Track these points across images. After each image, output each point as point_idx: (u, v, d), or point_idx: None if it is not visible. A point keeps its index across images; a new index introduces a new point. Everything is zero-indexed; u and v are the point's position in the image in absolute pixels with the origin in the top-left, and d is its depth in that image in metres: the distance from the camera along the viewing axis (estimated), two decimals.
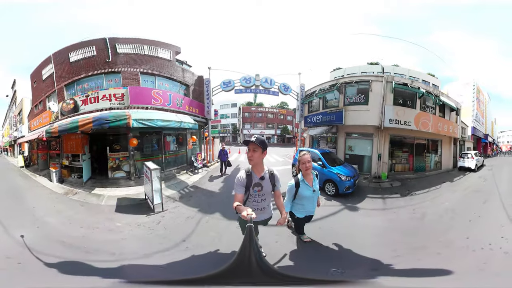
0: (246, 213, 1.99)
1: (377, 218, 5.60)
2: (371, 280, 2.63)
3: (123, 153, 9.14)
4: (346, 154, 11.43)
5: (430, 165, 12.81)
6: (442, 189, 8.78)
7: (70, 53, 10.24)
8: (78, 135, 9.09)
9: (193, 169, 10.59)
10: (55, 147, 11.38)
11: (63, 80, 10.61)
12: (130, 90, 9.35)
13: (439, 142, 13.48)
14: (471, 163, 13.25)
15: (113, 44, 10.00)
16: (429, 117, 11.65)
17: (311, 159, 3.48)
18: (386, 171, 10.55)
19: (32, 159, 14.99)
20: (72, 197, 7.42)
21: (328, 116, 11.93)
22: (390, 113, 10.49)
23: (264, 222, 2.95)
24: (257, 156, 2.51)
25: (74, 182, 9.14)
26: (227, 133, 45.51)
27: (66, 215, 5.72)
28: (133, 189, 7.87)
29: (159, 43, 11.15)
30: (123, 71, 9.92)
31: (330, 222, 4.92)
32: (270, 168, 2.78)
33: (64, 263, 3.07)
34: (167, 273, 3.00)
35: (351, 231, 4.57)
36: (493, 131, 37.83)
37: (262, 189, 2.67)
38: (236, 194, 2.54)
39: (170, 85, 11.28)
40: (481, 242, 3.74)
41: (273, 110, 48.02)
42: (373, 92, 10.73)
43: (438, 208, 6.24)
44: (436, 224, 5.19)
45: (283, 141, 45.21)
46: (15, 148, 22.55)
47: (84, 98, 9.63)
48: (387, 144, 10.73)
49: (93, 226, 4.83)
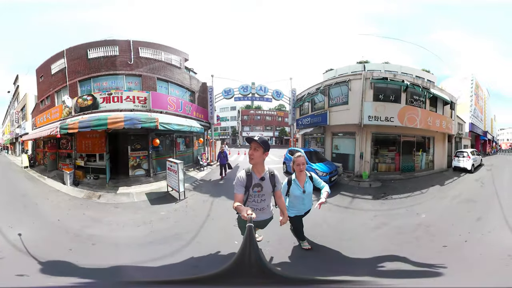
0: (246, 213, 1.96)
1: (334, 214, 5.41)
2: (371, 280, 2.59)
3: (143, 152, 9.67)
4: (333, 153, 11.48)
5: (420, 165, 11.50)
6: (427, 195, 7.41)
7: (89, 50, 9.95)
8: (96, 133, 9.01)
9: (199, 167, 11.66)
10: (66, 146, 10.41)
11: (78, 75, 10.09)
12: (152, 95, 9.77)
13: (431, 139, 12.17)
14: (467, 163, 11.53)
15: (136, 47, 10.14)
16: (416, 111, 10.48)
17: (305, 161, 3.43)
18: (368, 170, 10.01)
19: (36, 159, 13.63)
20: (98, 200, 6.87)
21: (315, 118, 12.09)
22: (369, 110, 9.90)
23: (264, 224, 2.86)
24: (257, 155, 2.46)
25: (92, 184, 8.49)
26: (227, 135, 46.13)
27: (108, 221, 5.18)
28: (154, 185, 8.43)
29: (172, 49, 11.42)
30: (144, 75, 10.19)
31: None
32: (271, 169, 2.70)
33: (61, 262, 3.02)
34: (167, 273, 2.98)
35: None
36: (493, 128, 35.05)
37: (262, 190, 2.61)
38: (236, 194, 2.49)
39: (180, 91, 11.74)
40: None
41: (271, 113, 47.98)
42: (352, 91, 10.47)
43: (408, 220, 5.00)
44: (384, 242, 3.87)
45: (281, 142, 44.70)
46: (17, 146, 21.17)
47: (106, 96, 9.41)
48: (369, 142, 10.26)
49: (146, 222, 5.05)
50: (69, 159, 10.11)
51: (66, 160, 10.25)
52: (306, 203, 3.52)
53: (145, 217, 5.35)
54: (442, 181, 9.44)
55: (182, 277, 2.53)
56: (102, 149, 9.20)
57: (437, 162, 12.30)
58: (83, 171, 9.11)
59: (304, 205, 3.52)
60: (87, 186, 8.19)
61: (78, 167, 9.31)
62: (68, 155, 10.26)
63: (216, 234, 4.21)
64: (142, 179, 9.17)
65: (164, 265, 3.10)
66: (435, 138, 12.23)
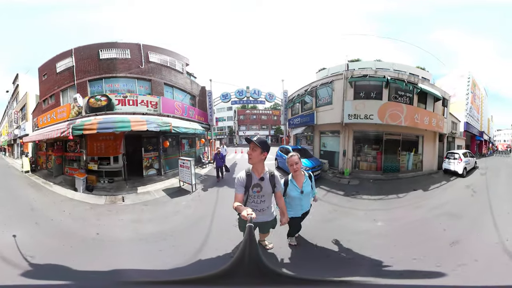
0: (246, 213, 1.96)
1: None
2: (371, 281, 2.60)
3: (154, 153, 10.19)
4: (321, 150, 12.08)
5: (406, 165, 10.88)
6: (402, 200, 6.71)
7: (100, 50, 9.95)
8: (111, 135, 8.96)
9: (202, 165, 12.82)
10: (74, 148, 9.88)
11: (88, 75, 9.94)
12: (162, 100, 10.31)
13: (420, 138, 11.48)
14: (458, 166, 10.48)
15: (146, 51, 10.39)
16: (401, 107, 9.93)
17: (299, 160, 3.27)
18: (350, 167, 10.19)
19: (38, 162, 12.62)
20: (124, 202, 6.75)
21: (304, 118, 12.77)
22: (349, 108, 9.99)
23: (265, 226, 2.86)
24: (255, 155, 2.50)
25: (108, 188, 8.24)
26: (224, 135, 47.35)
27: (149, 218, 5.49)
28: (166, 182, 8.97)
29: (175, 54, 11.74)
30: (153, 80, 10.51)
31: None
32: (271, 169, 2.72)
33: (60, 265, 3.01)
34: (167, 273, 3.04)
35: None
36: (489, 128, 33.40)
37: (262, 190, 2.63)
38: (236, 194, 2.52)
39: (182, 96, 12.36)
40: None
41: (266, 112, 48.28)
42: (335, 91, 10.77)
43: (357, 224, 4.73)
44: (311, 233, 3.85)
45: (277, 141, 45.77)
46: (15, 148, 20.16)
47: (122, 98, 9.48)
48: (351, 141, 10.47)
49: (177, 211, 5.93)
50: (77, 163, 9.66)
51: (74, 164, 9.78)
52: (303, 204, 3.41)
53: (174, 208, 6.25)
54: (427, 185, 8.45)
55: (182, 277, 2.54)
56: (117, 151, 9.12)
57: (426, 163, 11.48)
58: (96, 176, 8.63)
59: (302, 206, 3.41)
60: (103, 191, 7.86)
61: (89, 171, 8.76)
62: (76, 159, 9.77)
63: (228, 212, 4.29)
64: (155, 178, 9.69)
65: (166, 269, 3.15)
66: (424, 137, 11.51)
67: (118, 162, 9.28)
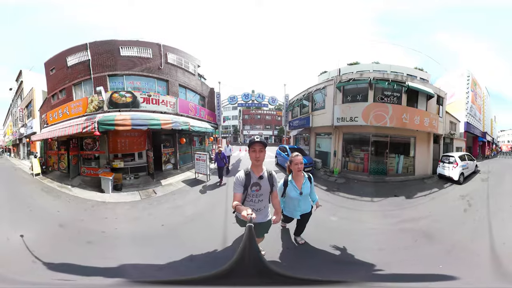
0: (246, 213, 2.00)
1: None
2: (371, 282, 2.67)
3: (171, 149, 10.97)
4: (316, 150, 13.15)
5: (396, 169, 10.46)
6: (373, 205, 6.36)
7: (121, 47, 10.01)
8: (135, 132, 9.18)
9: (211, 160, 13.56)
10: (92, 146, 9.37)
11: (107, 69, 9.84)
12: (179, 101, 10.99)
13: (412, 140, 10.85)
14: (454, 171, 9.23)
15: (165, 52, 10.74)
16: (386, 108, 9.69)
17: (303, 161, 3.33)
18: (339, 167, 10.74)
19: (48, 163, 11.57)
20: (157, 195, 7.25)
21: (302, 120, 13.97)
22: (337, 112, 10.59)
23: (260, 229, 2.88)
24: (263, 156, 2.60)
25: (136, 184, 8.35)
26: (229, 133, 48.54)
27: (186, 202, 6.61)
28: (182, 175, 9.86)
29: (188, 55, 12.21)
30: (170, 80, 10.97)
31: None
32: (269, 169, 2.81)
33: (63, 263, 3.03)
34: (167, 273, 3.06)
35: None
36: (493, 129, 31.59)
37: (260, 189, 2.70)
38: (235, 193, 2.59)
39: (194, 97, 13.16)
40: None
41: (270, 112, 49.50)
42: (327, 96, 11.62)
43: (313, 216, 3.99)
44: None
45: (280, 141, 48.02)
46: (21, 148, 18.96)
47: (146, 96, 9.79)
48: (340, 142, 11.05)
49: (203, 197, 7.13)
50: (95, 162, 9.19)
51: (92, 163, 9.26)
52: (302, 205, 3.41)
53: (199, 195, 7.25)
54: (413, 192, 7.61)
55: (182, 277, 2.55)
56: (142, 147, 9.47)
57: (419, 166, 10.81)
58: (121, 173, 8.49)
59: (300, 207, 3.41)
60: (132, 187, 7.87)
61: (113, 169, 8.44)
62: (94, 157, 9.32)
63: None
64: (172, 171, 10.51)
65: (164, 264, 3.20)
66: (417, 138, 10.84)
67: (142, 157, 9.73)
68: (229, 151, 11.51)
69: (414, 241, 3.88)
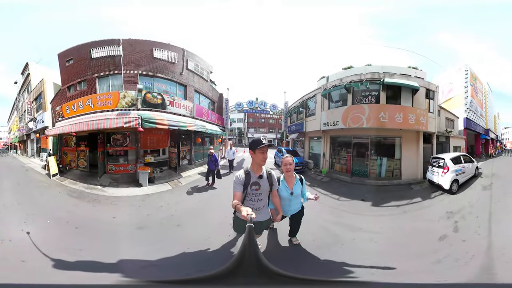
0: (246, 213, 2.02)
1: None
2: (371, 281, 2.70)
3: (187, 147, 12.25)
4: (310, 152, 14.57)
5: (378, 172, 9.77)
6: (336, 203, 6.20)
7: (154, 49, 10.39)
8: (161, 130, 9.90)
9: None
10: (122, 142, 9.32)
11: (138, 68, 10.00)
12: (196, 106, 11.94)
13: (397, 140, 10.03)
14: (444, 178, 7.53)
15: (186, 58, 11.27)
16: (362, 109, 9.37)
17: (293, 161, 3.47)
18: (327, 168, 11.64)
19: (64, 161, 10.57)
20: (182, 184, 8.62)
21: (298, 126, 15.57)
22: (324, 118, 11.43)
23: (259, 227, 2.93)
24: (266, 156, 2.71)
25: (163, 177, 9.19)
26: (234, 136, 50.48)
27: (205, 190, 7.69)
28: (196, 169, 11.33)
29: (203, 62, 12.81)
30: (187, 86, 11.61)
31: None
32: (268, 168, 2.89)
33: (64, 260, 3.11)
34: (167, 272, 3.15)
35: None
36: (496, 126, 29.46)
37: (260, 188, 2.77)
38: (235, 192, 2.64)
39: (205, 101, 14.08)
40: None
41: (274, 116, 50.77)
42: (317, 103, 12.60)
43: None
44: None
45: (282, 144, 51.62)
46: (29, 144, 17.69)
47: (172, 100, 10.42)
48: (328, 145, 11.93)
49: (217, 185, 8.26)
50: (123, 158, 9.25)
51: (120, 159, 9.21)
52: (292, 205, 3.48)
53: (214, 184, 8.44)
54: (386, 199, 6.42)
55: (182, 277, 2.58)
56: (165, 144, 10.63)
57: (406, 170, 9.80)
58: (151, 168, 8.97)
59: (290, 207, 3.49)
60: (161, 180, 8.76)
61: (145, 164, 9.20)
62: (124, 153, 9.33)
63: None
64: (188, 166, 11.79)
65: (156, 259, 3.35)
66: (403, 138, 9.91)
67: (165, 153, 10.73)
68: (232, 154, 11.58)
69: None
